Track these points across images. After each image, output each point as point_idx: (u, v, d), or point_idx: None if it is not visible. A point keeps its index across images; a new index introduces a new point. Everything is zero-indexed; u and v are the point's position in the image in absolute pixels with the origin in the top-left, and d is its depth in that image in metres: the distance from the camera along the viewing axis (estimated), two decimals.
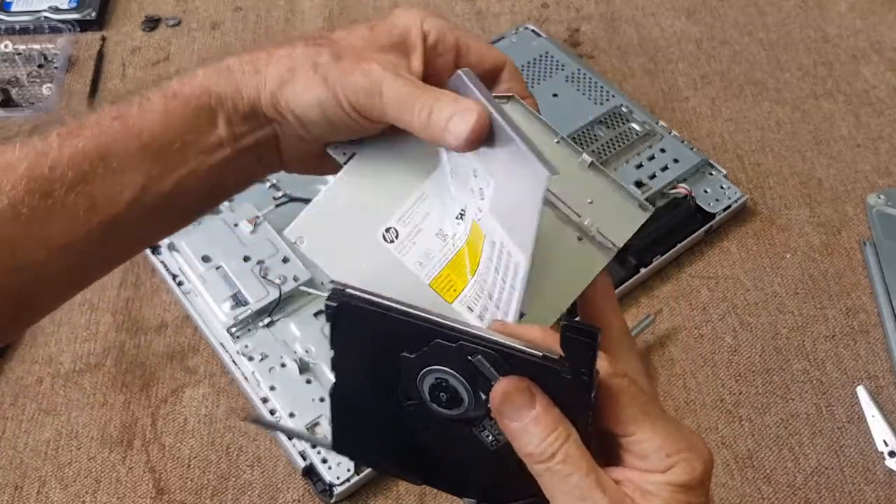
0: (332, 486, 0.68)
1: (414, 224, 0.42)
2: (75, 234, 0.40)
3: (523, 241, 0.37)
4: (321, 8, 1.08)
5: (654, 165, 0.86)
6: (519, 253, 0.37)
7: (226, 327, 0.75)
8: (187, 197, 0.43)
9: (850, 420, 0.73)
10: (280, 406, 0.71)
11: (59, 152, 0.40)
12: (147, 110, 0.41)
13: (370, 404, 0.39)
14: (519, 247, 0.37)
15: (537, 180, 0.35)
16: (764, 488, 0.70)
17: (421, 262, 0.42)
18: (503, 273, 0.38)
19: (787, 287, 0.82)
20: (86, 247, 0.40)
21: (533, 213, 0.35)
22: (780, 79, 1.00)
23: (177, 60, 1.02)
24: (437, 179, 0.42)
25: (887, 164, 0.91)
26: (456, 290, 0.41)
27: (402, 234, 0.42)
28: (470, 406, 0.37)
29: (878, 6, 1.07)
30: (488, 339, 0.35)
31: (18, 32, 1.04)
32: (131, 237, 0.43)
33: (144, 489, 0.69)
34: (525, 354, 0.35)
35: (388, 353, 0.37)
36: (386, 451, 0.41)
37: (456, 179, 0.42)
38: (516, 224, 0.37)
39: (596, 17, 1.07)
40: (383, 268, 0.42)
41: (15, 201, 0.39)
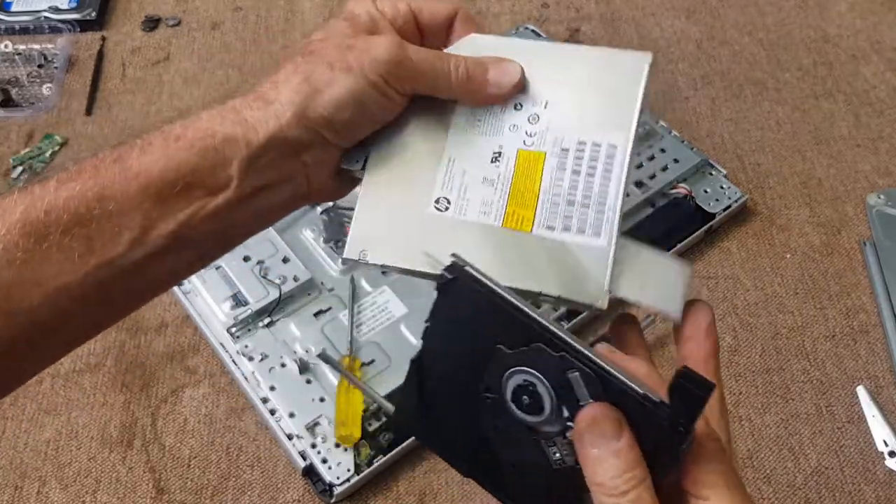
0: (332, 486, 0.68)
1: (458, 184, 0.43)
2: (71, 276, 0.39)
3: (621, 122, 0.41)
4: (321, 8, 1.08)
5: (654, 165, 0.86)
6: (616, 133, 0.41)
7: (226, 327, 0.76)
8: (193, 240, 0.41)
9: (850, 420, 0.73)
10: (280, 406, 0.71)
11: (56, 195, 0.39)
12: (147, 153, 0.40)
13: (447, 385, 0.39)
14: (616, 129, 0.42)
15: (636, 63, 0.42)
16: (764, 488, 0.70)
17: (484, 212, 0.42)
18: (588, 168, 0.42)
19: (787, 287, 0.82)
20: (83, 291, 0.39)
21: (633, 91, 0.42)
22: (780, 79, 1.00)
23: (177, 60, 1.02)
24: (456, 140, 0.43)
25: (887, 164, 0.91)
26: (527, 219, 0.42)
27: (453, 198, 0.43)
28: (550, 417, 0.36)
29: (878, 6, 1.07)
30: (592, 360, 0.34)
31: (18, 32, 1.04)
32: (134, 282, 0.41)
33: (144, 489, 0.69)
34: (626, 387, 0.34)
35: (485, 340, 0.36)
36: (445, 434, 0.40)
37: (480, 128, 0.43)
38: (608, 114, 0.42)
39: (596, 17, 1.07)
40: (453, 235, 0.42)
41: (9, 245, 0.38)
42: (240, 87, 0.99)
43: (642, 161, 0.87)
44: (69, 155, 0.93)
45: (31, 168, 0.91)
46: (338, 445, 0.69)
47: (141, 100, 0.98)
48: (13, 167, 0.91)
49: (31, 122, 0.96)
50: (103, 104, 0.98)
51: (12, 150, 0.93)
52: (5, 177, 0.91)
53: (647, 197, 0.84)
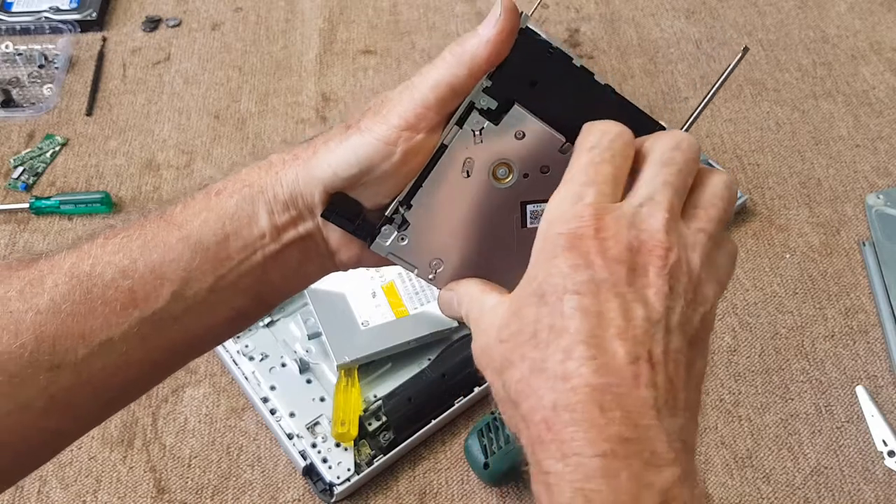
0: (332, 485, 0.68)
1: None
2: (115, 329, 0.39)
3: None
4: (321, 8, 1.08)
5: None
6: None
7: None
8: (230, 295, 0.42)
9: (849, 420, 0.73)
10: (280, 406, 0.72)
11: (102, 250, 0.40)
12: (189, 207, 0.42)
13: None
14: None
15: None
16: (763, 488, 0.70)
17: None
18: None
19: (787, 287, 0.82)
20: (126, 346, 0.40)
21: None
22: (779, 79, 1.00)
23: (177, 61, 1.03)
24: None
25: (886, 164, 0.91)
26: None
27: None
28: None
29: (878, 6, 1.07)
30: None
31: (19, 33, 1.04)
32: (174, 338, 0.42)
33: (145, 489, 0.70)
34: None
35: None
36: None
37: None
38: None
39: (596, 17, 1.07)
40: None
41: (56, 298, 0.39)
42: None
43: None
44: (70, 155, 0.93)
45: (31, 168, 0.91)
46: (338, 445, 0.69)
47: (141, 100, 0.98)
48: (14, 167, 0.91)
49: (31, 123, 0.96)
50: (104, 104, 0.98)
51: (13, 150, 0.93)
52: (6, 177, 0.91)
53: None
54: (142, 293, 0.40)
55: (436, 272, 0.43)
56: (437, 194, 0.41)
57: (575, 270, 0.35)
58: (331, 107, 0.97)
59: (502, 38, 0.39)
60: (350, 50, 1.04)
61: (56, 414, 0.40)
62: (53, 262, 0.40)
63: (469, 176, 0.41)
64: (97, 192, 0.88)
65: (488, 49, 0.39)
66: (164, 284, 0.40)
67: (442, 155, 0.40)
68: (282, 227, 0.41)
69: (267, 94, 0.99)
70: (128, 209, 0.88)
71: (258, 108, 0.97)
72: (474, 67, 0.39)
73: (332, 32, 1.06)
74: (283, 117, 0.96)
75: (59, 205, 0.87)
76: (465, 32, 0.41)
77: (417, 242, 0.42)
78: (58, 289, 0.39)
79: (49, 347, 0.39)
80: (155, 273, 0.40)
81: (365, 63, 1.02)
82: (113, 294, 0.39)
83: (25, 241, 0.85)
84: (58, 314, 0.39)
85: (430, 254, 0.42)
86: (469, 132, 0.40)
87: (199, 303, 0.41)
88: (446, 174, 0.41)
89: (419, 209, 0.41)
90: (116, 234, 0.41)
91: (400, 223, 0.42)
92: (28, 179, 0.90)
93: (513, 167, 0.41)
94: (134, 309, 0.40)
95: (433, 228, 0.42)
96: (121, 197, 0.89)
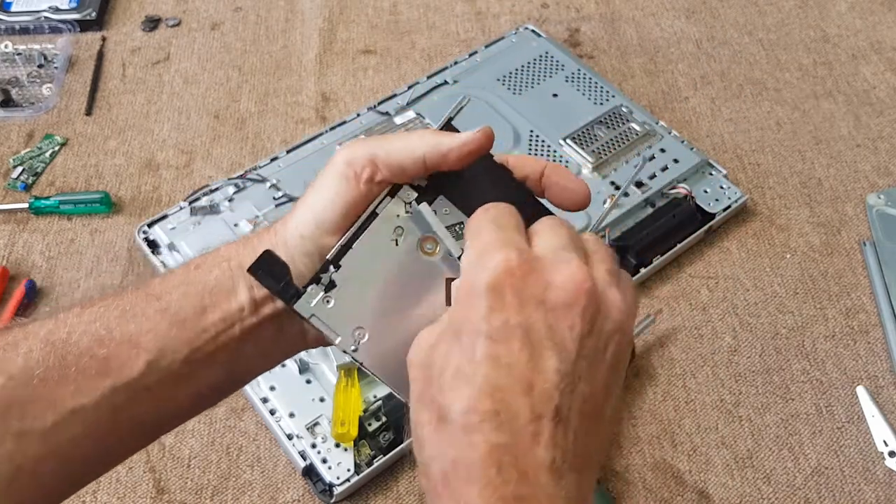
0: (332, 486, 0.68)
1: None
2: (86, 398, 0.39)
3: None
4: (321, 8, 1.08)
5: (654, 165, 0.86)
6: None
7: None
8: (204, 367, 0.42)
9: (849, 420, 0.73)
10: (280, 406, 0.71)
11: (78, 318, 0.40)
12: (169, 280, 0.42)
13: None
14: None
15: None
16: (764, 488, 0.70)
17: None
18: None
19: (787, 287, 0.82)
20: (97, 415, 0.39)
21: None
22: (780, 79, 1.00)
23: (177, 60, 1.03)
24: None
25: (887, 164, 0.91)
26: None
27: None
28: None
29: (878, 6, 1.07)
30: None
31: (18, 32, 1.04)
32: (146, 409, 0.41)
33: (144, 489, 0.69)
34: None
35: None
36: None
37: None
38: None
39: (596, 17, 1.07)
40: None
41: (30, 364, 0.39)
42: (241, 86, 1.00)
43: (642, 161, 0.87)
44: (69, 155, 0.93)
45: (30, 168, 0.91)
46: (338, 445, 0.69)
47: (141, 100, 0.98)
48: (13, 167, 0.91)
49: (31, 122, 0.96)
50: (103, 104, 0.98)
51: (12, 150, 0.93)
52: (5, 177, 0.91)
53: (647, 197, 0.84)
54: (116, 362, 0.40)
55: (358, 343, 0.41)
56: (367, 259, 0.41)
57: (491, 313, 0.35)
58: (331, 107, 0.97)
59: (467, 151, 0.41)
60: (350, 50, 1.04)
61: (20, 486, 0.39)
62: (29, 329, 0.40)
63: (398, 245, 0.42)
64: (97, 191, 0.87)
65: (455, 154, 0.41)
66: (140, 354, 0.40)
67: (373, 221, 0.41)
68: (260, 302, 0.42)
69: (267, 93, 0.99)
70: (127, 209, 0.88)
71: (258, 107, 0.97)
72: (430, 158, 0.40)
73: (332, 32, 1.06)
74: (282, 117, 0.96)
75: (59, 205, 0.87)
76: (464, 32, 0.41)
77: (342, 307, 0.41)
78: (32, 354, 0.39)
79: (18, 413, 0.38)
80: (131, 342, 0.40)
81: (365, 63, 1.02)
82: (87, 362, 0.39)
83: (25, 241, 0.85)
84: (30, 380, 0.38)
85: (354, 321, 0.41)
86: (401, 202, 0.42)
87: (172, 374, 0.41)
88: (377, 240, 0.41)
89: (347, 271, 0.41)
90: (94, 303, 0.41)
91: (327, 284, 0.41)
92: (27, 179, 0.90)
93: (439, 243, 0.42)
94: (107, 377, 0.39)
95: (360, 294, 0.41)
96: (120, 197, 0.89)
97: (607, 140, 0.88)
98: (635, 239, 0.82)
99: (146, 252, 0.81)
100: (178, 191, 0.89)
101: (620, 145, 0.88)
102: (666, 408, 0.74)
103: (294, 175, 0.86)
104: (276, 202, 0.84)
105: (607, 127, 0.89)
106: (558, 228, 0.38)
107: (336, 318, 0.41)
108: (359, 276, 0.41)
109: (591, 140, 0.88)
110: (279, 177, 0.86)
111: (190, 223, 0.83)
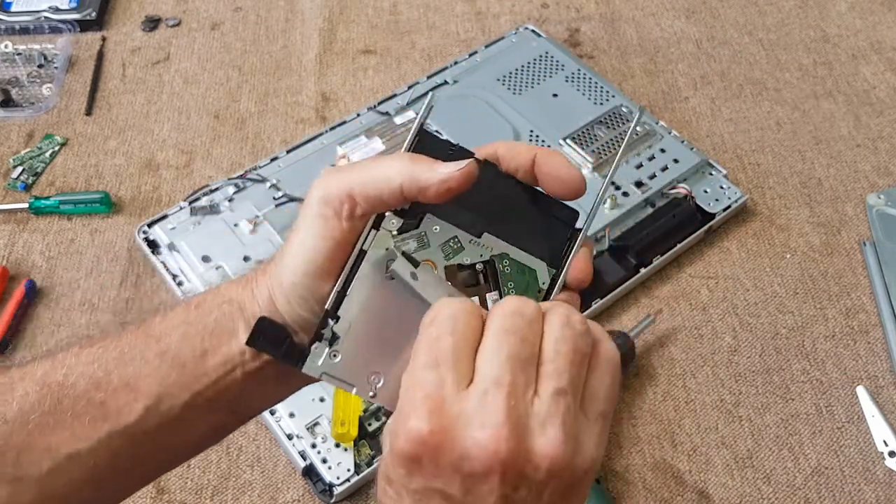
0: (332, 486, 0.68)
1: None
2: (84, 443, 0.38)
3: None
4: (321, 8, 1.08)
5: (653, 165, 0.86)
6: None
7: None
8: (206, 411, 0.40)
9: (849, 420, 0.73)
10: (280, 406, 0.71)
11: (77, 360, 0.39)
12: (168, 319, 0.40)
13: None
14: None
15: None
16: (764, 488, 0.70)
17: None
18: None
19: (787, 287, 0.82)
20: (95, 461, 0.38)
21: None
22: (780, 79, 1.00)
23: (177, 60, 1.03)
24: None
25: (887, 164, 0.91)
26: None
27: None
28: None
29: (878, 6, 1.07)
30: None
31: (18, 32, 1.04)
32: (145, 454, 0.40)
33: (144, 489, 0.69)
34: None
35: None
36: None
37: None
38: None
39: (596, 17, 1.07)
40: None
41: (25, 408, 0.38)
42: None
43: (642, 161, 0.87)
44: (69, 155, 0.93)
45: (30, 168, 0.91)
46: (338, 445, 0.69)
47: (141, 100, 0.98)
48: (13, 167, 0.91)
49: (31, 122, 0.96)
50: (103, 104, 0.98)
51: (12, 150, 0.93)
52: (5, 177, 0.91)
53: (647, 197, 0.84)
54: (114, 407, 0.39)
55: (375, 388, 0.39)
56: (364, 302, 0.39)
57: (410, 476, 0.33)
58: (331, 107, 0.97)
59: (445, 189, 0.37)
60: (350, 50, 1.04)
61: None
62: (26, 370, 0.39)
63: (394, 279, 0.39)
64: (96, 191, 0.87)
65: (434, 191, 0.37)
66: (138, 399, 0.39)
67: (362, 261, 0.39)
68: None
69: (267, 93, 0.99)
70: (128, 209, 0.88)
71: (258, 107, 0.97)
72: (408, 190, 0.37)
73: (332, 32, 1.06)
74: (282, 117, 0.96)
75: (59, 205, 0.87)
76: (464, 32, 0.40)
77: (351, 357, 0.39)
78: (27, 398, 0.38)
79: (13, 459, 0.38)
80: (129, 387, 0.39)
81: (365, 63, 1.02)
82: (84, 406, 0.38)
83: (25, 241, 0.85)
84: (25, 425, 0.38)
85: (366, 368, 0.39)
86: (387, 234, 0.39)
87: (173, 418, 0.39)
88: (370, 280, 0.39)
89: (347, 320, 0.39)
90: (93, 343, 0.40)
91: (330, 338, 0.39)
92: (27, 179, 0.90)
93: (436, 264, 0.40)
94: (104, 422, 0.39)
95: (365, 340, 0.39)
96: (120, 197, 0.89)
97: (607, 140, 0.88)
98: (635, 239, 0.82)
99: (146, 252, 0.81)
100: (178, 191, 0.89)
101: (620, 145, 0.88)
102: (666, 408, 0.74)
103: (294, 175, 0.86)
104: (276, 202, 0.84)
105: (607, 127, 0.89)
106: (509, 336, 0.34)
107: (346, 370, 0.39)
108: (360, 322, 0.39)
109: (591, 140, 0.88)
110: (279, 177, 0.86)
111: (190, 223, 0.83)
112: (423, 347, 0.35)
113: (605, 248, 0.81)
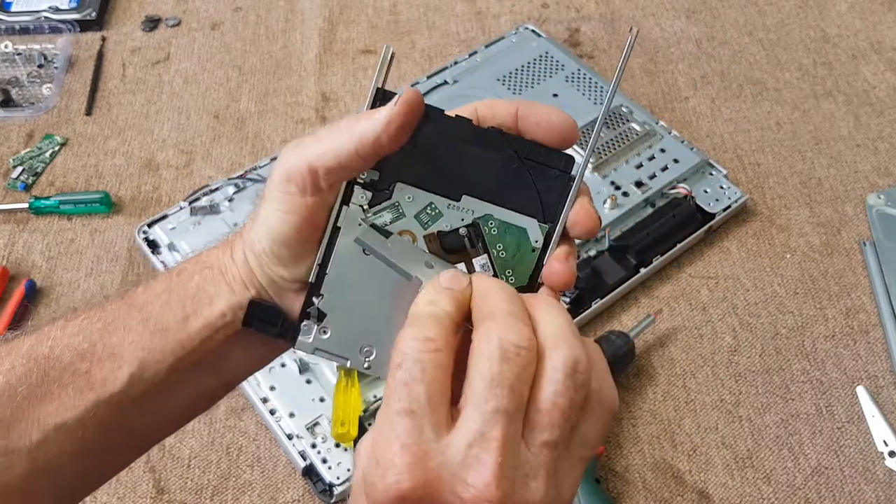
0: (332, 486, 0.68)
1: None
2: (71, 412, 0.39)
3: None
4: (321, 8, 1.08)
5: (654, 165, 0.86)
6: None
7: None
8: (191, 375, 0.41)
9: (849, 420, 0.73)
10: (280, 406, 0.71)
11: (62, 332, 0.40)
12: (150, 288, 0.41)
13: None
14: None
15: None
16: (764, 488, 0.70)
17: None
18: None
19: (787, 287, 0.82)
20: (82, 429, 0.39)
21: None
22: (780, 79, 1.00)
23: (177, 60, 1.02)
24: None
25: (887, 164, 0.91)
26: None
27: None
28: None
29: (878, 6, 1.07)
30: None
31: (18, 32, 1.04)
32: (134, 421, 0.41)
33: (144, 489, 0.69)
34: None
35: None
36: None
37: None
38: None
39: (596, 17, 1.07)
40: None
41: (12, 381, 0.38)
42: (241, 86, 1.00)
43: (642, 161, 0.87)
44: (69, 155, 0.93)
45: (30, 168, 0.91)
46: (338, 445, 0.69)
47: (141, 100, 0.98)
48: (13, 167, 0.91)
49: (31, 122, 0.96)
50: (103, 104, 0.98)
51: (12, 150, 0.93)
52: (5, 177, 0.91)
53: (647, 197, 0.84)
54: (99, 376, 0.39)
55: (368, 360, 0.39)
56: (348, 277, 0.39)
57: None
58: (331, 107, 0.97)
59: (395, 129, 0.36)
60: (350, 50, 1.04)
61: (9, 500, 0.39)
62: (12, 345, 0.40)
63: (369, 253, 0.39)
64: (96, 191, 0.87)
65: (385, 137, 0.36)
66: (122, 367, 0.39)
67: (337, 237, 0.39)
68: (243, 306, 0.40)
69: (267, 93, 0.99)
70: (127, 209, 0.88)
71: (258, 107, 0.97)
72: (362, 150, 0.36)
73: (332, 32, 1.06)
74: (282, 117, 0.96)
75: (59, 205, 0.87)
76: (464, 32, 0.40)
77: (341, 332, 0.39)
78: (14, 371, 0.39)
79: (3, 432, 0.38)
80: (113, 355, 0.39)
81: (365, 63, 1.02)
82: (70, 377, 0.39)
83: (25, 241, 0.85)
84: (13, 398, 0.38)
85: (356, 341, 0.39)
86: (357, 208, 0.39)
87: (158, 384, 0.40)
88: (350, 255, 0.39)
89: (332, 295, 0.39)
90: (77, 315, 0.41)
91: (317, 315, 0.39)
92: (27, 179, 0.90)
93: (415, 234, 0.39)
94: (90, 392, 0.39)
95: (352, 313, 0.39)
96: (120, 197, 0.89)
97: (607, 140, 0.88)
98: (635, 239, 0.82)
99: (146, 252, 0.81)
100: (178, 191, 0.89)
101: (620, 145, 0.88)
102: (666, 408, 0.74)
103: None
104: None
105: (607, 127, 0.89)
106: (495, 390, 0.32)
107: (338, 343, 0.40)
108: (345, 296, 0.39)
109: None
110: None
111: (190, 223, 0.83)
112: (393, 392, 0.33)
113: (605, 248, 0.81)
